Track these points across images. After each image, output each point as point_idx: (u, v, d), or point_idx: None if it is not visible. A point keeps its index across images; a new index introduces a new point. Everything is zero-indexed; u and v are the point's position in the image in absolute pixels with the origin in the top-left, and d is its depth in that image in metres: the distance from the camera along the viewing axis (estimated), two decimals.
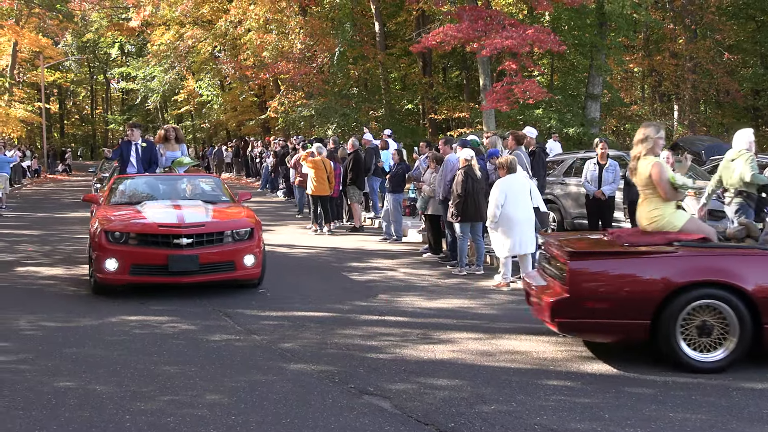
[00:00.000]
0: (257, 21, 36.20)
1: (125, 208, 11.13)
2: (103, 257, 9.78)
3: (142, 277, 9.94)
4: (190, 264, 9.79)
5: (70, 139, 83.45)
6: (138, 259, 9.80)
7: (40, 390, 6.22)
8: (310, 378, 6.60)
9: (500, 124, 26.21)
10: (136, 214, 10.58)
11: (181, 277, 9.90)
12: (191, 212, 10.62)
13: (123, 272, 9.78)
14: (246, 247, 10.18)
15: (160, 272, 9.81)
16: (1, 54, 49.13)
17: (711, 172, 16.69)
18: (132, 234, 9.92)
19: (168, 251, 9.73)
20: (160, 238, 9.83)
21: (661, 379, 6.47)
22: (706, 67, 32.89)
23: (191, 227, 9.98)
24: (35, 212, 23.10)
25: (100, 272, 9.86)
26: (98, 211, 11.07)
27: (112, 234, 9.87)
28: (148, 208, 10.86)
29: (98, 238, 9.89)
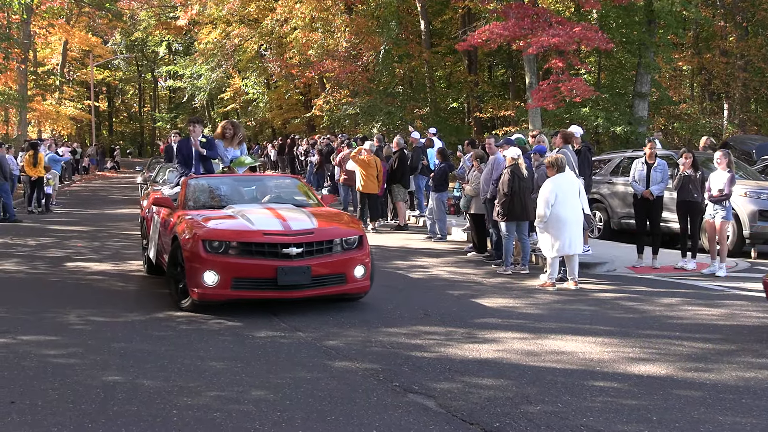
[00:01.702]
0: (303, 19, 36.35)
1: (212, 212, 9.77)
2: (200, 270, 8.55)
3: (247, 292, 8.74)
4: (301, 277, 8.65)
5: (118, 137, 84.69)
6: (242, 271, 8.61)
7: (89, 384, 6.31)
8: (354, 376, 6.60)
9: (546, 123, 26.02)
10: (230, 219, 9.29)
11: (291, 292, 8.75)
12: (294, 217, 9.38)
13: (224, 287, 8.58)
14: (356, 256, 9.10)
15: (267, 286, 8.66)
16: (52, 53, 50.07)
17: (762, 172, 16.44)
18: (233, 243, 8.68)
19: (277, 262, 8.59)
20: (267, 247, 8.68)
21: (710, 381, 6.37)
22: (757, 65, 32.34)
23: (300, 235, 8.85)
24: (84, 209, 23.47)
25: (196, 287, 8.63)
26: (178, 215, 9.73)
27: (210, 243, 8.63)
28: (243, 212, 9.49)
29: (193, 247, 8.67)
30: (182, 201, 10.27)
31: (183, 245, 8.86)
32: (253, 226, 8.90)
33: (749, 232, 13.92)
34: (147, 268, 11.63)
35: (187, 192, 10.51)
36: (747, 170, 16.06)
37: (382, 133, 28.20)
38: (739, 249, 13.99)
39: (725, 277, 11.78)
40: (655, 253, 12.67)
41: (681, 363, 6.90)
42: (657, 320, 8.76)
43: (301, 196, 11.04)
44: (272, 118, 49.62)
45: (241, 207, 9.84)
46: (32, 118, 42.51)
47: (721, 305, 9.67)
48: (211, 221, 9.17)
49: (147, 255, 11.52)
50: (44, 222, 19.42)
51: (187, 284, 8.77)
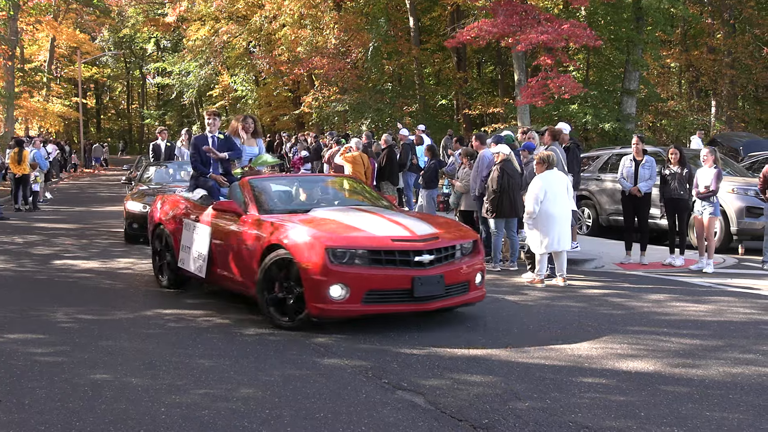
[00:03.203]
0: (292, 16, 36.33)
1: (303, 216, 8.72)
2: (326, 283, 7.58)
3: (380, 306, 7.85)
4: (435, 287, 7.90)
5: (106, 134, 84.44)
6: (375, 283, 7.71)
7: (77, 382, 6.28)
8: (343, 373, 6.59)
9: (535, 120, 26.07)
10: (341, 225, 8.35)
11: (427, 303, 7.94)
12: (408, 221, 8.63)
13: (354, 301, 7.67)
14: (475, 262, 8.51)
15: (402, 299, 7.80)
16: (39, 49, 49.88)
17: (749, 168, 16.52)
18: (360, 251, 7.76)
19: (412, 272, 7.77)
20: (398, 255, 7.85)
21: (697, 377, 6.39)
22: (744, 62, 32.50)
23: (428, 240, 8.10)
24: (72, 206, 23.38)
25: (320, 302, 7.66)
26: (256, 222, 8.71)
27: (334, 251, 7.68)
28: (342, 216, 8.69)
29: (315, 257, 7.64)
30: (254, 205, 9.09)
31: (296, 255, 7.76)
32: (378, 232, 8.08)
33: (737, 229, 13.99)
34: (167, 281, 10.36)
35: (258, 195, 9.36)
36: (734, 167, 16.13)
37: (371, 130, 28.20)
38: (726, 245, 14.06)
39: (713, 273, 11.83)
40: (643, 249, 12.72)
41: (669, 359, 6.92)
42: (645, 316, 8.79)
43: (370, 196, 10.29)
44: (261, 115, 49.51)
45: (329, 210, 9.04)
46: (19, 116, 42.31)
47: (709, 301, 9.71)
48: (322, 227, 8.13)
49: (159, 267, 10.59)
50: (31, 220, 19.35)
51: (307, 299, 7.72)
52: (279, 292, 8.08)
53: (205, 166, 10.69)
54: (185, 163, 17.16)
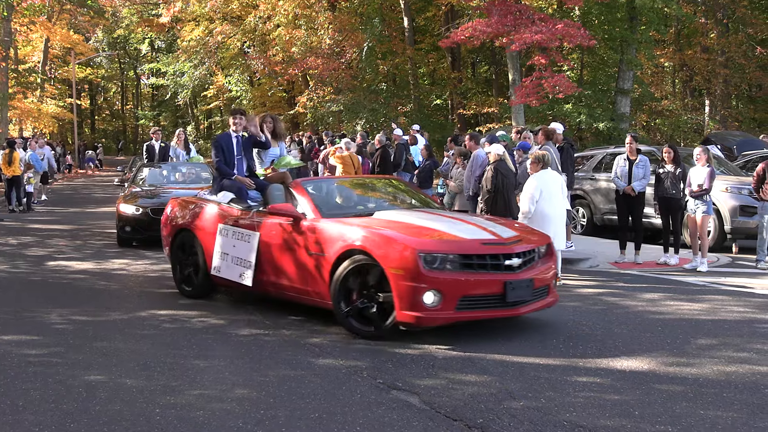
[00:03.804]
0: (286, 16, 36.29)
1: (370, 220, 8.33)
2: (420, 289, 7.23)
3: (474, 312, 7.57)
4: (525, 291, 7.70)
5: (100, 135, 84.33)
6: (469, 289, 7.42)
7: (71, 383, 6.27)
8: (338, 373, 6.60)
9: (529, 119, 26.09)
10: (421, 229, 7.98)
11: (517, 308, 7.71)
12: (486, 224, 8.51)
13: (448, 307, 7.32)
14: (552, 266, 8.36)
15: (495, 304, 7.56)
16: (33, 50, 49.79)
17: (743, 168, 16.55)
18: (451, 255, 7.45)
19: (504, 276, 7.54)
20: (489, 259, 7.61)
21: (692, 376, 6.41)
22: (738, 61, 32.56)
23: (514, 244, 7.88)
24: (66, 207, 23.35)
25: (413, 309, 7.27)
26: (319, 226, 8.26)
27: (426, 256, 7.34)
28: (415, 219, 8.39)
29: (407, 262, 7.27)
30: (314, 209, 8.58)
31: (382, 260, 7.40)
32: (465, 235, 7.84)
33: (730, 227, 14.02)
34: (195, 290, 9.82)
35: (315, 198, 8.93)
36: (728, 166, 16.16)
37: (366, 130, 28.19)
38: (720, 244, 14.09)
39: (707, 272, 11.86)
40: (637, 248, 12.74)
41: (663, 358, 6.94)
42: (639, 315, 8.80)
43: (419, 197, 10.01)
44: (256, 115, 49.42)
45: (395, 212, 8.72)
46: (13, 116, 42.25)
47: (703, 300, 9.73)
48: (404, 231, 7.79)
49: (185, 275, 9.94)
50: (25, 221, 19.32)
51: (397, 307, 7.33)
52: (358, 301, 7.69)
53: (230, 167, 10.22)
54: (179, 164, 17.13)
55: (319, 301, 8.17)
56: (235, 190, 9.97)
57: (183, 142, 17.91)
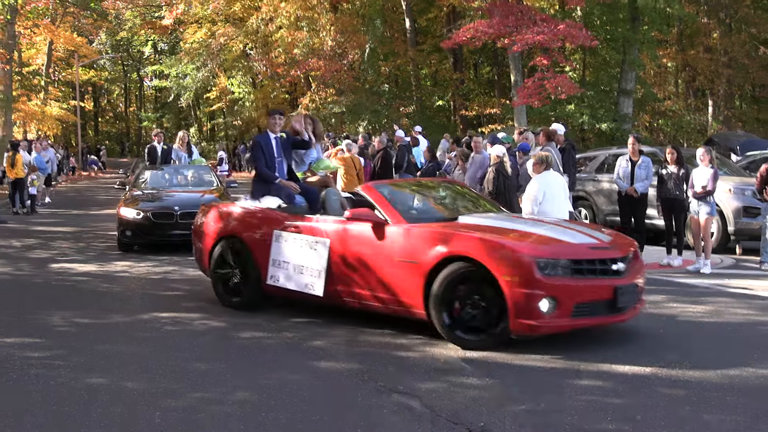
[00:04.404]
0: (288, 18, 36.34)
1: (459, 224, 8.05)
2: (537, 296, 6.95)
3: (586, 319, 7.32)
4: (632, 296, 7.55)
5: (104, 137, 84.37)
6: (582, 295, 7.18)
7: (73, 386, 6.27)
8: (339, 376, 6.59)
9: (531, 120, 26.08)
10: (524, 234, 7.76)
11: (623, 314, 7.52)
12: (580, 228, 8.42)
13: (564, 314, 7.07)
14: (642, 269, 8.16)
15: (605, 310, 7.33)
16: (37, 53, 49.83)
17: (746, 168, 16.52)
18: (562, 261, 7.17)
19: (612, 281, 7.30)
20: (598, 263, 7.39)
21: (695, 379, 6.38)
22: (741, 61, 32.52)
23: (616, 248, 7.72)
24: (70, 209, 23.37)
25: (529, 317, 6.99)
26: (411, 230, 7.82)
27: (540, 262, 7.04)
28: (516, 224, 8.20)
29: (521, 269, 6.98)
30: (397, 214, 8.12)
31: (493, 267, 7.05)
32: (572, 240, 7.67)
33: (734, 229, 13.98)
34: (244, 300, 9.20)
35: (395, 203, 8.44)
36: (731, 167, 16.13)
37: (368, 131, 28.19)
38: (724, 245, 14.05)
39: (710, 273, 11.82)
40: (640, 250, 12.70)
41: (666, 361, 6.90)
42: (642, 317, 8.76)
43: (487, 201, 9.67)
44: (258, 117, 49.47)
45: (481, 218, 8.36)
46: (17, 119, 42.29)
47: (706, 302, 9.70)
48: (509, 237, 7.53)
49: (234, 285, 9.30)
50: (29, 223, 19.33)
51: (511, 315, 7.02)
52: (463, 311, 7.34)
53: (270, 170, 9.77)
54: (182, 166, 17.00)
55: (406, 311, 7.76)
56: (282, 195, 9.54)
57: (185, 145, 17.81)
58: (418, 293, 7.54)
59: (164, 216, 13.94)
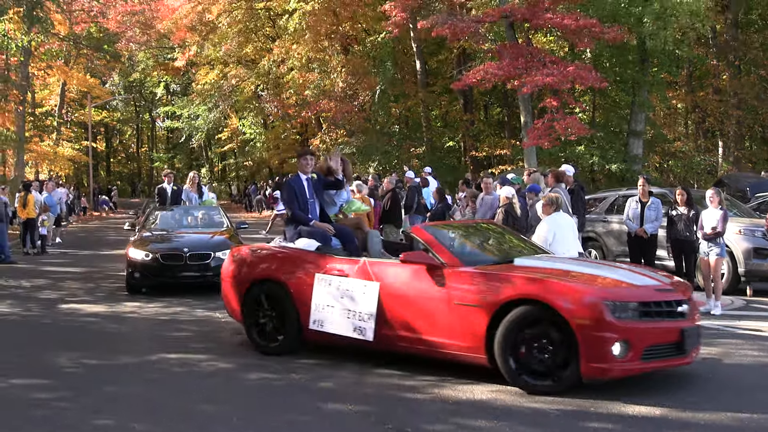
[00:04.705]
0: (300, 60, 36.67)
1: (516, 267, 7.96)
2: (609, 340, 6.86)
3: (656, 363, 7.28)
4: (696, 339, 7.55)
5: (116, 177, 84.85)
6: (652, 338, 7.12)
7: (80, 427, 6.26)
8: (347, 417, 6.56)
9: (541, 162, 26.13)
10: (589, 277, 7.70)
11: (688, 357, 7.44)
12: (634, 268, 8.56)
13: (634, 358, 6.98)
14: (697, 312, 8.05)
15: (672, 353, 7.26)
16: (51, 94, 50.35)
17: (756, 210, 16.48)
18: (632, 304, 7.11)
19: (679, 324, 7.29)
20: (664, 305, 7.34)
21: (704, 422, 6.32)
22: (750, 103, 32.55)
23: (677, 290, 7.68)
24: (80, 250, 23.44)
25: (600, 361, 6.89)
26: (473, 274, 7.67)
27: (610, 305, 6.95)
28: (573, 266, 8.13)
29: (593, 312, 6.90)
30: (453, 257, 8.01)
31: (563, 310, 6.93)
32: (636, 282, 7.64)
33: (744, 270, 13.90)
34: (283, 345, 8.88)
35: (450, 245, 8.47)
36: (741, 208, 16.09)
37: (378, 172, 28.29)
38: (734, 287, 13.96)
39: (721, 315, 11.74)
40: None
41: (676, 402, 6.84)
42: None
43: (531, 243, 9.58)
44: (269, 157, 49.80)
45: (537, 260, 8.36)
46: (30, 159, 42.63)
47: (717, 344, 9.61)
48: (576, 280, 7.45)
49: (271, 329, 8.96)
50: (39, 263, 19.39)
51: (582, 359, 6.90)
52: (527, 354, 7.17)
53: (305, 213, 9.54)
54: (192, 207, 16.96)
55: (466, 355, 7.56)
56: (318, 237, 9.29)
57: (196, 185, 17.82)
58: (480, 337, 7.36)
59: (173, 257, 13.73)
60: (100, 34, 47.94)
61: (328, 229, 9.47)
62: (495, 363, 7.32)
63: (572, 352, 6.96)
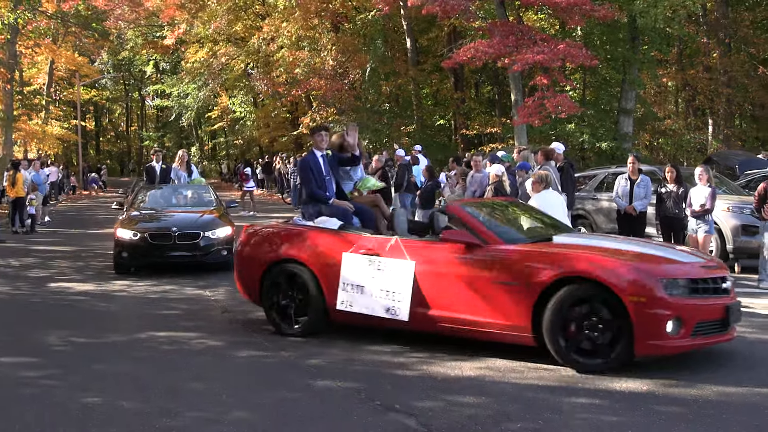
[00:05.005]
0: (290, 38, 36.46)
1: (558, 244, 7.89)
2: (664, 317, 6.89)
3: (705, 339, 7.27)
4: (738, 315, 7.58)
5: (105, 156, 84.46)
6: (701, 314, 7.13)
7: (68, 406, 6.25)
8: (336, 394, 6.57)
9: (532, 140, 26.09)
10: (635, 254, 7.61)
11: (730, 333, 7.54)
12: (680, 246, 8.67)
13: (685, 335, 7.00)
14: None
15: (718, 329, 7.31)
16: (39, 72, 49.98)
17: (745, 187, 16.52)
18: (681, 281, 7.15)
19: (723, 300, 7.35)
20: (711, 282, 7.36)
21: (691, 397, 6.36)
22: (740, 81, 32.56)
23: (720, 266, 7.82)
24: (69, 228, 23.37)
25: (655, 338, 6.92)
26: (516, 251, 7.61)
27: (665, 283, 6.99)
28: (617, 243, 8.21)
29: (648, 289, 6.92)
30: (494, 235, 7.87)
31: (617, 288, 6.90)
32: (683, 259, 7.69)
33: (732, 247, 13.96)
34: (306, 327, 8.65)
35: (489, 223, 8.26)
36: (730, 185, 16.13)
37: (368, 150, 28.22)
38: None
39: None
40: None
41: (663, 379, 6.88)
42: None
43: (554, 220, 9.47)
44: (259, 136, 49.63)
45: (578, 237, 8.49)
46: (18, 138, 42.36)
47: None
48: (622, 257, 7.40)
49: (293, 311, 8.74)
50: (28, 242, 19.32)
51: (637, 337, 6.89)
52: (577, 333, 7.11)
53: (322, 190, 9.30)
54: (181, 186, 16.79)
55: (510, 334, 7.48)
56: (340, 216, 9.08)
57: (185, 164, 17.66)
58: (526, 316, 7.29)
59: (162, 237, 13.50)
60: (89, 11, 47.51)
61: (348, 207, 9.24)
62: (540, 342, 7.29)
63: (623, 330, 6.95)
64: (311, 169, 9.31)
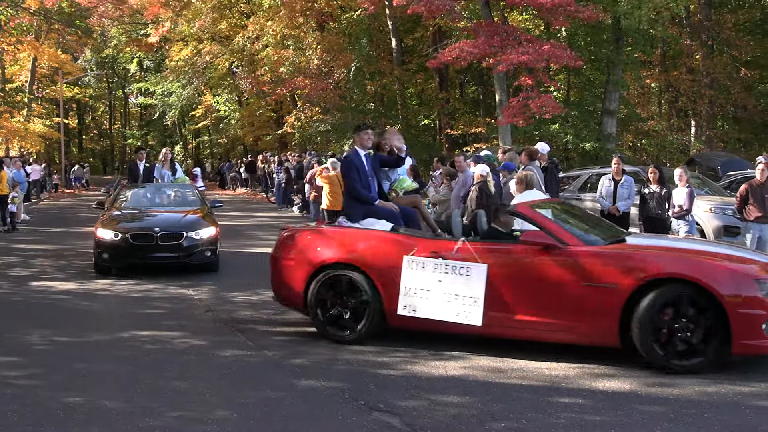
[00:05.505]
0: (274, 37, 36.37)
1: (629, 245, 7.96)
2: (762, 317, 6.93)
3: None
4: None
5: (88, 154, 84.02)
6: None
7: (50, 405, 6.22)
8: (320, 394, 6.57)
9: (516, 140, 26.16)
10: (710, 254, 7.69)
11: None
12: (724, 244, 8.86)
13: None
14: None
15: None
16: (21, 69, 49.69)
17: (727, 188, 16.63)
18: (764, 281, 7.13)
19: None
20: None
21: (673, 396, 6.40)
22: (723, 82, 32.76)
23: None
24: (51, 227, 23.23)
25: (753, 338, 6.91)
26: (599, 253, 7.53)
27: (761, 284, 7.03)
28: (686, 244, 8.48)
29: (743, 289, 6.93)
30: (572, 236, 7.76)
31: (715, 289, 6.87)
32: (761, 259, 7.81)
33: None
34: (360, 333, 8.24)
35: (564, 224, 8.14)
36: (712, 186, 16.24)
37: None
38: None
39: None
40: None
41: (645, 378, 6.92)
42: None
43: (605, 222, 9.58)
44: (244, 135, 49.53)
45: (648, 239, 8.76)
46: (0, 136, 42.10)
47: None
48: (708, 258, 7.47)
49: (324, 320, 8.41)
50: (10, 241, 19.18)
51: (734, 336, 6.86)
52: (669, 334, 7.07)
53: (368, 190, 8.98)
54: (164, 185, 16.55)
55: (596, 338, 7.40)
56: (386, 217, 8.78)
57: (168, 162, 17.53)
58: (614, 318, 7.21)
59: (144, 237, 13.11)
60: (72, 8, 47.32)
61: (394, 208, 8.95)
62: (628, 343, 7.24)
63: (716, 331, 6.95)
64: (356, 168, 8.94)
